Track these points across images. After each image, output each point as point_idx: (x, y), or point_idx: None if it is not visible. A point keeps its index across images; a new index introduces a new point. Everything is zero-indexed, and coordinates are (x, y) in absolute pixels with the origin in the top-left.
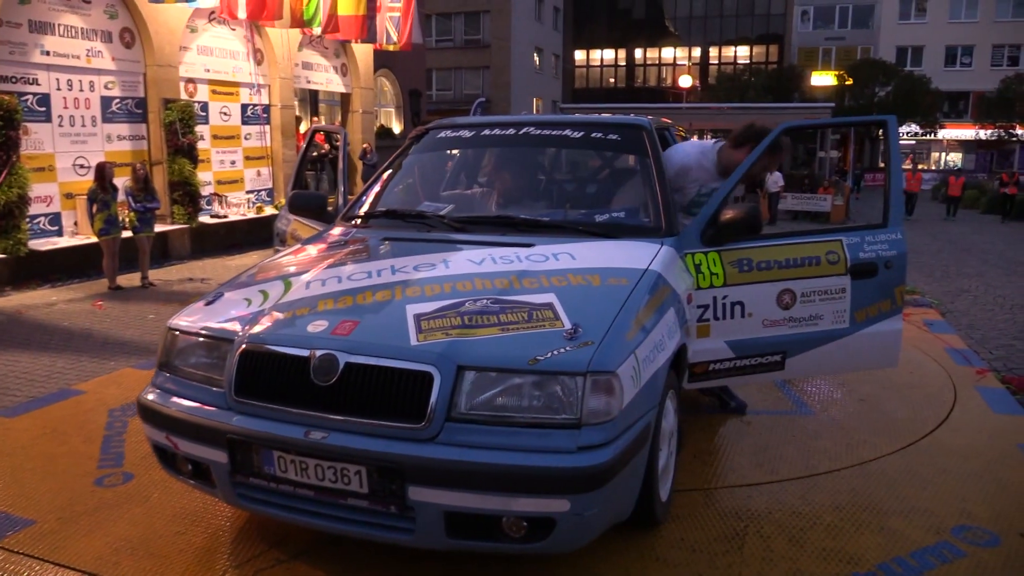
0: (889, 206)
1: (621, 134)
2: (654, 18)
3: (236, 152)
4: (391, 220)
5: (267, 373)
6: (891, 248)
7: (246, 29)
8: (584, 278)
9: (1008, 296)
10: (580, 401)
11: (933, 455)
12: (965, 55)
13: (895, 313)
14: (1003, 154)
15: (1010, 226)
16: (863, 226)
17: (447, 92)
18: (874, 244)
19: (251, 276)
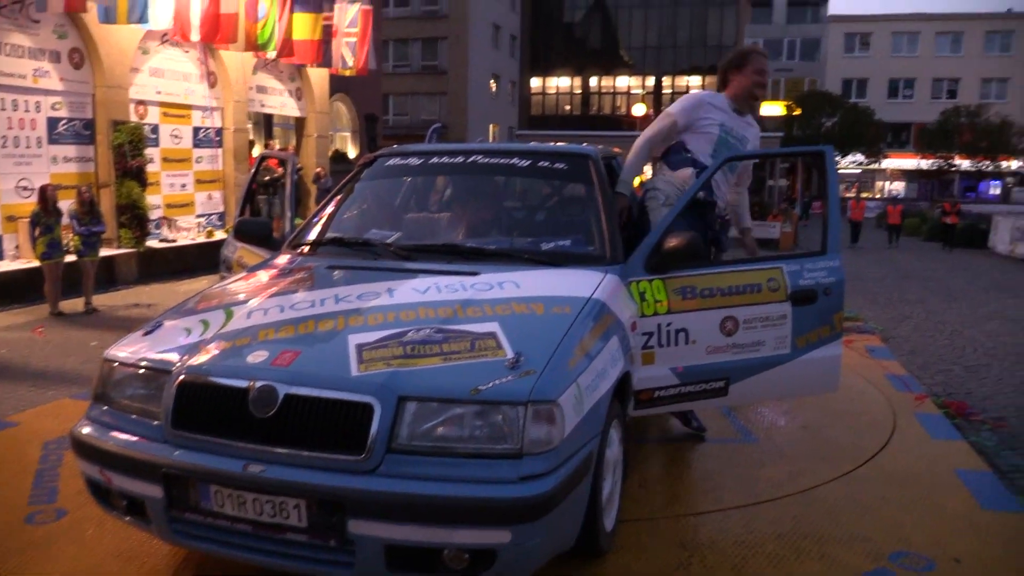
0: (827, 234)
1: (568, 163)
2: (609, 47)
3: (187, 175)
4: (338, 248)
5: (205, 405)
6: (830, 275)
7: (200, 51)
8: (528, 307)
9: (948, 322)
10: (521, 431)
11: (873, 482)
12: (907, 88)
13: (835, 339)
14: (943, 183)
15: (952, 254)
16: (802, 254)
17: (404, 117)
18: (813, 271)
19: (192, 305)
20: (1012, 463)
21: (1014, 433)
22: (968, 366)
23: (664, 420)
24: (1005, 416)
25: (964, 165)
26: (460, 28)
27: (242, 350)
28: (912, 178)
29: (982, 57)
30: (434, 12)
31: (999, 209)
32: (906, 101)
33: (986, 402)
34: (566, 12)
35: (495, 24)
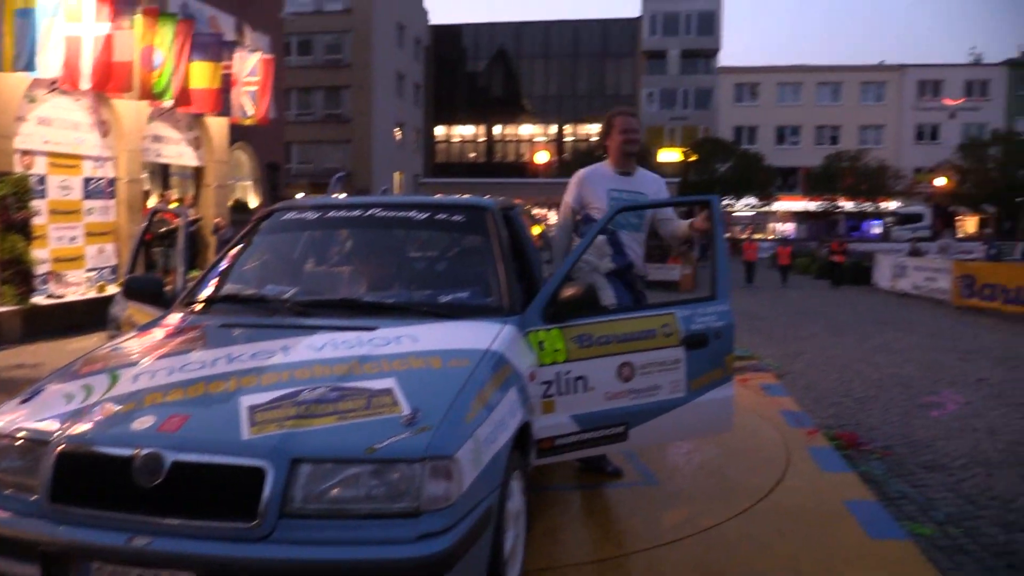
0: (716, 280)
1: (465, 215)
2: (512, 96)
3: (77, 228)
4: (232, 305)
5: (87, 476)
6: (720, 319)
7: (91, 100)
8: (425, 361)
9: (838, 356)
10: (418, 488)
11: (769, 518)
12: (793, 134)
13: (727, 380)
14: (830, 223)
15: (840, 291)
16: (693, 299)
17: (307, 165)
18: (704, 316)
19: (75, 369)
20: (899, 490)
21: (901, 461)
22: (857, 398)
23: (567, 467)
24: (892, 445)
25: (848, 206)
26: (363, 77)
27: (127, 416)
28: (801, 219)
29: (859, 106)
30: (337, 61)
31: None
32: (793, 147)
33: (874, 432)
34: (469, 62)
35: (399, 73)
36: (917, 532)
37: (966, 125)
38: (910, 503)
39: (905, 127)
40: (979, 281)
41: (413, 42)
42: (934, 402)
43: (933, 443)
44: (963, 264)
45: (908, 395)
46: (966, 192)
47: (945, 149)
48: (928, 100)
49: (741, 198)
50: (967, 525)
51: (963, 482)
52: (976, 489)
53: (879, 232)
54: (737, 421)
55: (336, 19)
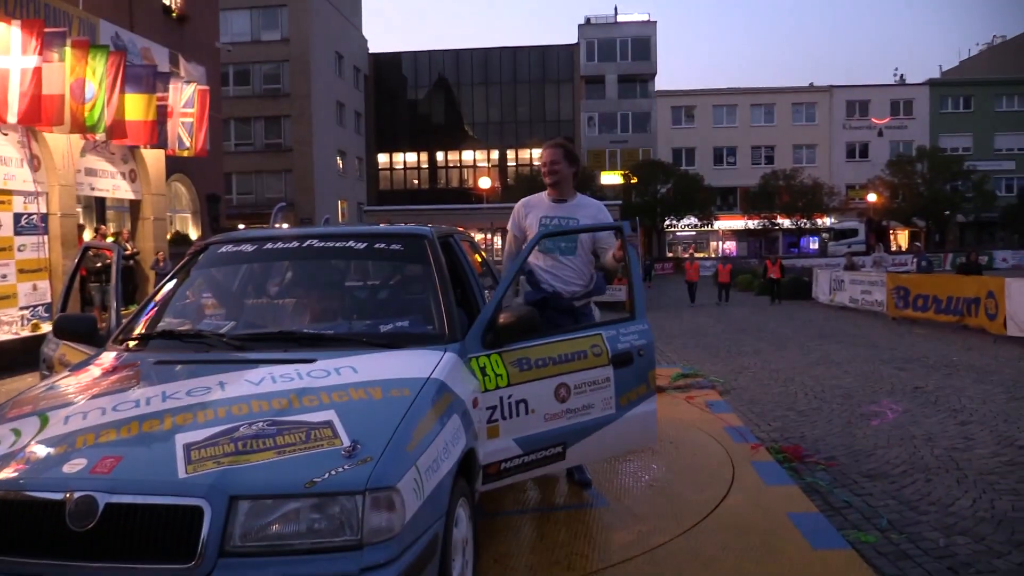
0: (634, 301)
1: (403, 244)
2: (453, 122)
3: (8, 265)
4: (167, 341)
5: (16, 523)
6: (641, 338)
7: (20, 134)
8: (366, 391)
9: (781, 370)
10: (360, 520)
11: (715, 533)
12: (730, 155)
13: (650, 395)
14: (769, 240)
15: (780, 307)
16: (616, 320)
17: (249, 196)
18: (627, 335)
19: (3, 412)
20: (843, 499)
21: (844, 471)
22: (801, 411)
23: (519, 492)
24: (835, 455)
25: (786, 223)
26: (303, 106)
27: (58, 459)
28: (742, 237)
29: (791, 126)
30: (276, 90)
31: (818, 262)
32: (730, 167)
33: (818, 443)
34: (409, 89)
35: (339, 101)
36: (862, 540)
37: (894, 143)
38: (854, 511)
39: (836, 145)
40: (912, 293)
41: (353, 71)
42: (874, 411)
43: (874, 452)
44: (896, 276)
45: (849, 406)
46: (897, 207)
47: (875, 166)
48: (857, 119)
49: (682, 218)
50: (909, 531)
51: (904, 488)
52: (917, 495)
53: (816, 248)
54: (683, 438)
55: (274, 48)
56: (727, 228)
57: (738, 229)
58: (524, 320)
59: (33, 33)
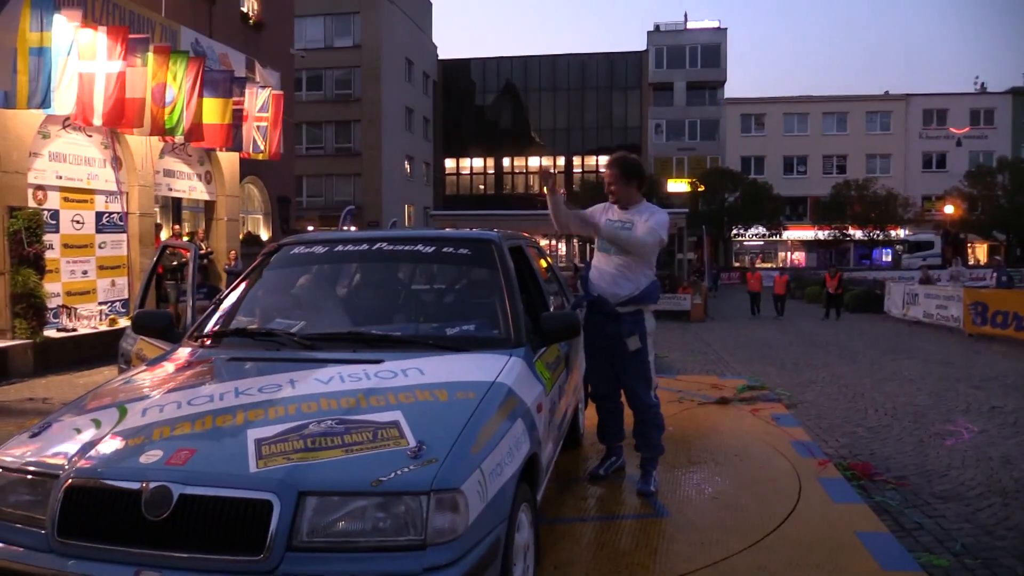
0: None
1: (471, 248)
2: (520, 128)
3: (89, 261)
4: (240, 339)
5: (95, 510)
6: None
7: (104, 136)
8: (432, 393)
9: (850, 385)
10: (424, 521)
11: (780, 549)
12: (800, 164)
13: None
14: (840, 252)
15: (839, 321)
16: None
17: (318, 199)
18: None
19: (84, 403)
20: (915, 520)
21: (916, 491)
22: (871, 427)
23: (579, 500)
24: (906, 475)
25: (857, 235)
26: (373, 111)
27: (135, 450)
28: (811, 248)
29: (865, 135)
30: (347, 96)
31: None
32: (800, 176)
33: (888, 462)
34: (477, 95)
35: (408, 107)
36: (934, 563)
37: (973, 153)
38: (926, 534)
39: (912, 155)
40: (991, 308)
41: (422, 76)
42: (948, 431)
43: (948, 473)
44: (974, 292)
45: (921, 424)
46: (975, 219)
47: (953, 177)
48: (934, 129)
49: (750, 227)
50: (984, 556)
51: (979, 512)
52: (993, 519)
53: (890, 260)
54: (748, 451)
55: (346, 55)
56: (796, 238)
57: (807, 239)
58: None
59: (118, 39)
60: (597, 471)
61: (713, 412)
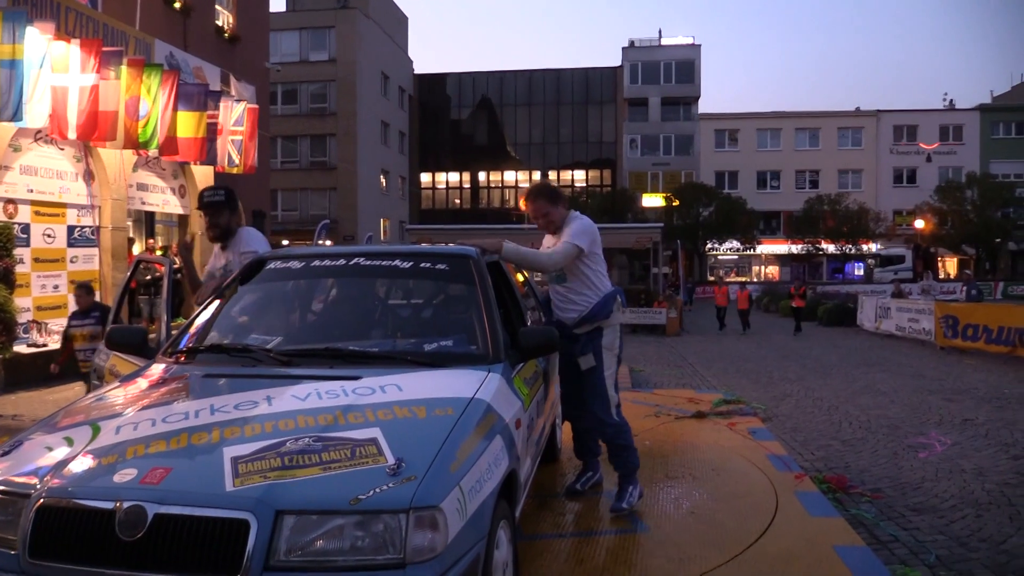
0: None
1: (449, 263)
2: (496, 143)
3: (60, 276)
4: (216, 355)
5: (67, 530)
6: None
7: (77, 149)
8: (410, 410)
9: (825, 398)
10: (404, 539)
11: (758, 563)
12: (774, 179)
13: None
14: (813, 265)
15: (820, 332)
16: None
17: (293, 212)
18: None
19: (56, 421)
20: (890, 533)
21: (890, 503)
22: (845, 440)
23: (557, 516)
24: (881, 487)
25: (830, 249)
26: (349, 125)
27: (108, 469)
28: (785, 262)
29: (837, 150)
30: (322, 110)
31: (863, 289)
32: (774, 191)
33: (863, 474)
34: (453, 110)
35: (383, 121)
36: None
37: (942, 169)
38: (901, 546)
39: (883, 170)
40: (962, 322)
41: (398, 91)
42: (922, 443)
43: (922, 485)
44: (945, 305)
45: (896, 437)
46: (945, 234)
47: (923, 192)
48: (904, 144)
49: (724, 242)
50: (959, 568)
51: (953, 524)
52: (967, 531)
53: (861, 274)
54: (725, 465)
55: (321, 68)
56: (770, 252)
57: (781, 254)
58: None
59: (92, 52)
60: (574, 486)
61: (690, 426)
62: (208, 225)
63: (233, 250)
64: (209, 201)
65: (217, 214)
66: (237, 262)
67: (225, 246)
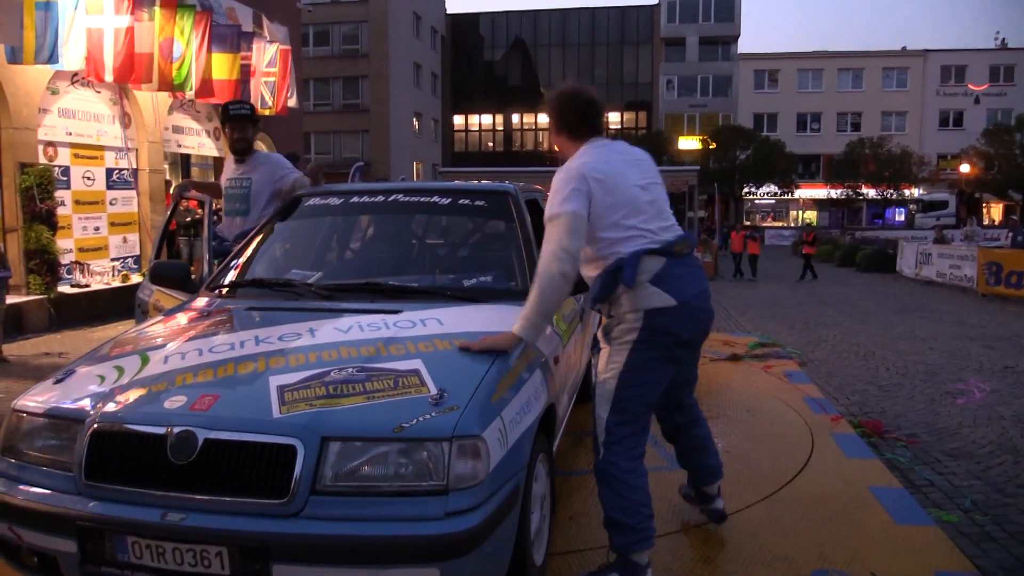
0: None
1: (488, 200)
2: (529, 85)
3: (100, 218)
4: (258, 289)
5: (121, 454)
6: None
7: (113, 92)
8: (451, 343)
9: (862, 344)
10: (446, 466)
11: (793, 503)
12: (814, 121)
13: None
14: (852, 211)
15: (864, 277)
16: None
17: (326, 155)
18: None
19: (106, 351)
20: (925, 477)
21: (926, 449)
22: (882, 386)
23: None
24: (917, 432)
25: (871, 194)
26: (381, 67)
27: (159, 396)
28: (823, 207)
29: (881, 92)
30: (354, 51)
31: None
32: (814, 134)
33: (899, 420)
34: (486, 51)
35: (416, 63)
36: (944, 519)
37: (991, 111)
38: (936, 490)
39: (928, 113)
40: (1006, 269)
41: (430, 32)
42: (960, 390)
43: (959, 431)
44: (989, 251)
45: (933, 383)
46: (992, 179)
47: (970, 135)
48: (952, 86)
49: (761, 186)
50: (994, 513)
51: (990, 470)
52: (1003, 477)
53: (903, 220)
54: (760, 407)
55: (353, 9)
56: (808, 197)
57: (820, 199)
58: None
59: None
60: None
61: (725, 368)
62: (236, 138)
63: (255, 167)
64: (236, 114)
65: (243, 127)
66: (267, 181)
67: (243, 160)
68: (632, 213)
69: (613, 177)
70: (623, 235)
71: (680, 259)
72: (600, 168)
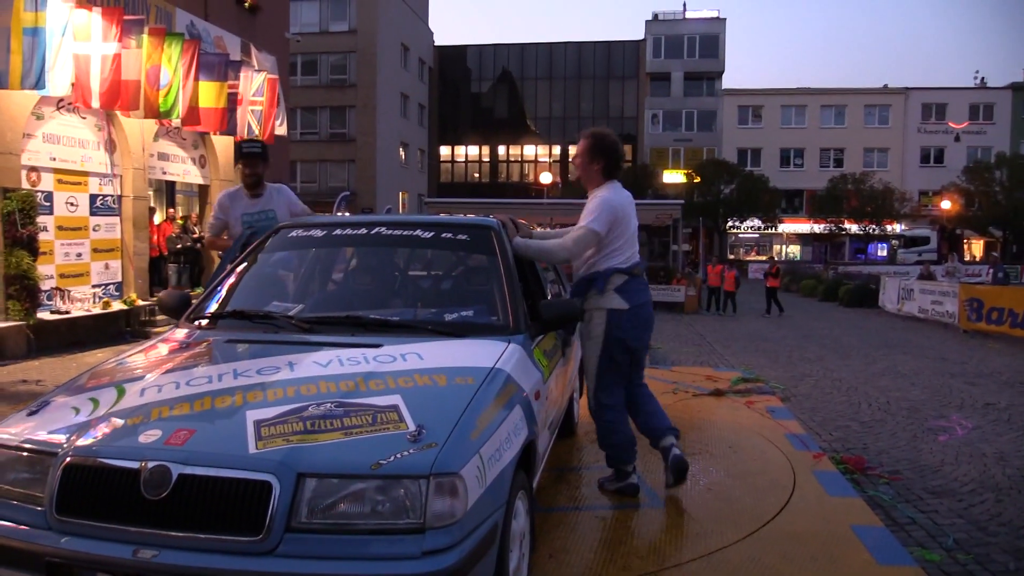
0: None
1: (470, 234)
2: (516, 117)
3: (83, 244)
4: (238, 321)
5: (93, 488)
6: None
7: (99, 118)
8: (431, 378)
9: (844, 379)
10: (424, 504)
11: (774, 541)
12: (797, 157)
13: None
14: (835, 246)
15: (847, 312)
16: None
17: (312, 184)
18: None
19: (82, 382)
20: (907, 515)
21: (909, 486)
22: (864, 422)
23: (574, 489)
24: (899, 469)
25: (853, 229)
26: (368, 97)
27: (134, 429)
28: (807, 241)
29: (863, 128)
30: (342, 81)
31: (886, 270)
32: (797, 169)
33: (882, 456)
34: (473, 83)
35: (403, 93)
36: (927, 558)
37: (971, 148)
38: (919, 528)
39: (910, 150)
40: (987, 305)
41: (418, 63)
42: (942, 426)
43: (941, 468)
44: (970, 288)
45: (915, 419)
46: (972, 215)
47: (951, 172)
48: (933, 123)
49: (745, 220)
50: (977, 552)
51: (972, 508)
52: (986, 515)
53: (885, 255)
54: (742, 443)
55: (341, 39)
56: (792, 231)
57: (803, 233)
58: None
59: (113, 20)
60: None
61: (708, 404)
62: (247, 173)
63: (271, 199)
64: (248, 152)
65: (255, 163)
66: (286, 211)
67: (256, 194)
68: (626, 243)
69: (627, 215)
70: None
71: (636, 278)
72: (624, 207)
